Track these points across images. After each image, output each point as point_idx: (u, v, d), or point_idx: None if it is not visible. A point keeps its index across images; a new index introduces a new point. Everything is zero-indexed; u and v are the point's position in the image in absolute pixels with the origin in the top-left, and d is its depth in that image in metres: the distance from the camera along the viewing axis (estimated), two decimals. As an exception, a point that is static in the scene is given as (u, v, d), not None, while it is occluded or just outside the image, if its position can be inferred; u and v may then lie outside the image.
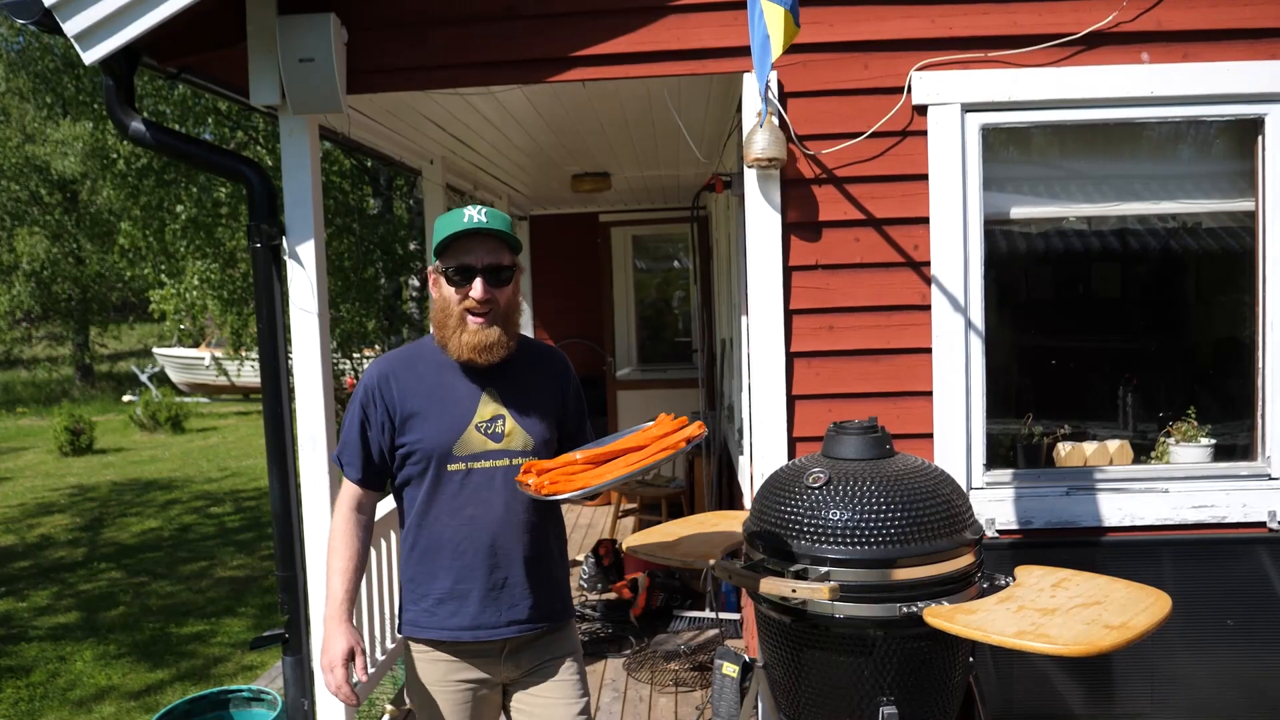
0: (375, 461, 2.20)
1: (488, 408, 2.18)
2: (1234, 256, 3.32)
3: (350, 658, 2.09)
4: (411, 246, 11.59)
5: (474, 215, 2.12)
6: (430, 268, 2.21)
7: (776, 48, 2.54)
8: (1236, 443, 3.33)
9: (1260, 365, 3.22)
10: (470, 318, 2.13)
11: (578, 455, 2.09)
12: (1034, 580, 2.24)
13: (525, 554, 2.19)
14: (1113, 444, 3.38)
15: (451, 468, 2.15)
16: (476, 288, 2.10)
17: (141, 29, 2.78)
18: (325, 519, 3.20)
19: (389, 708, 4.15)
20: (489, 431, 2.17)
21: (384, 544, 3.99)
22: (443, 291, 2.16)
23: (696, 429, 2.14)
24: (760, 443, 3.16)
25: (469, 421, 2.16)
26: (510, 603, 2.18)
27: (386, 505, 3.73)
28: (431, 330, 2.23)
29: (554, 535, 2.28)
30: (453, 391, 2.18)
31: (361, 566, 2.19)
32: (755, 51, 2.64)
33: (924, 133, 3.13)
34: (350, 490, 2.23)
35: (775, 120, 3.03)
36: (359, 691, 2.14)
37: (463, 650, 2.19)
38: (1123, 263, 3.58)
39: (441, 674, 2.20)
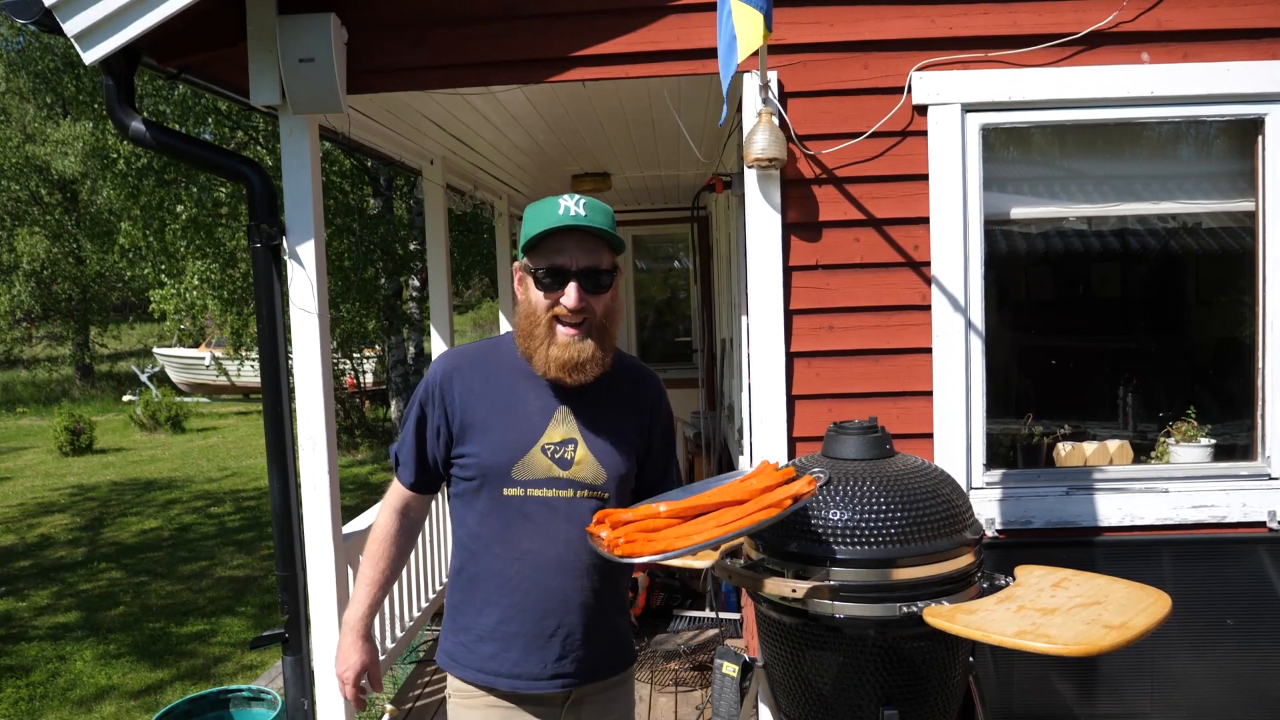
0: (430, 466, 1.97)
1: (559, 428, 1.89)
2: (1234, 256, 3.32)
3: (364, 674, 1.98)
4: (411, 246, 11.59)
5: (570, 208, 1.81)
6: (517, 264, 1.91)
7: (743, 50, 2.46)
8: (1236, 443, 3.33)
9: (1260, 365, 3.22)
10: (560, 328, 1.83)
11: (660, 508, 1.80)
12: (1034, 580, 2.24)
13: (584, 600, 1.89)
14: (1113, 444, 3.38)
15: (508, 492, 1.87)
16: (570, 294, 1.81)
17: (141, 29, 2.78)
18: (325, 519, 3.20)
19: (389, 708, 4.15)
20: (556, 456, 1.88)
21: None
22: (529, 295, 1.86)
23: (806, 485, 1.88)
24: (760, 443, 3.16)
25: (535, 441, 1.88)
26: (558, 654, 1.89)
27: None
28: (513, 335, 1.94)
29: (619, 577, 1.98)
30: (522, 404, 1.90)
31: (394, 578, 2.02)
32: (721, 51, 2.57)
33: (924, 133, 3.13)
34: (399, 492, 2.02)
35: (775, 120, 3.03)
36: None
37: (521, 699, 1.92)
38: (1123, 263, 3.58)
39: None
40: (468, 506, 1.93)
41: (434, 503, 3.58)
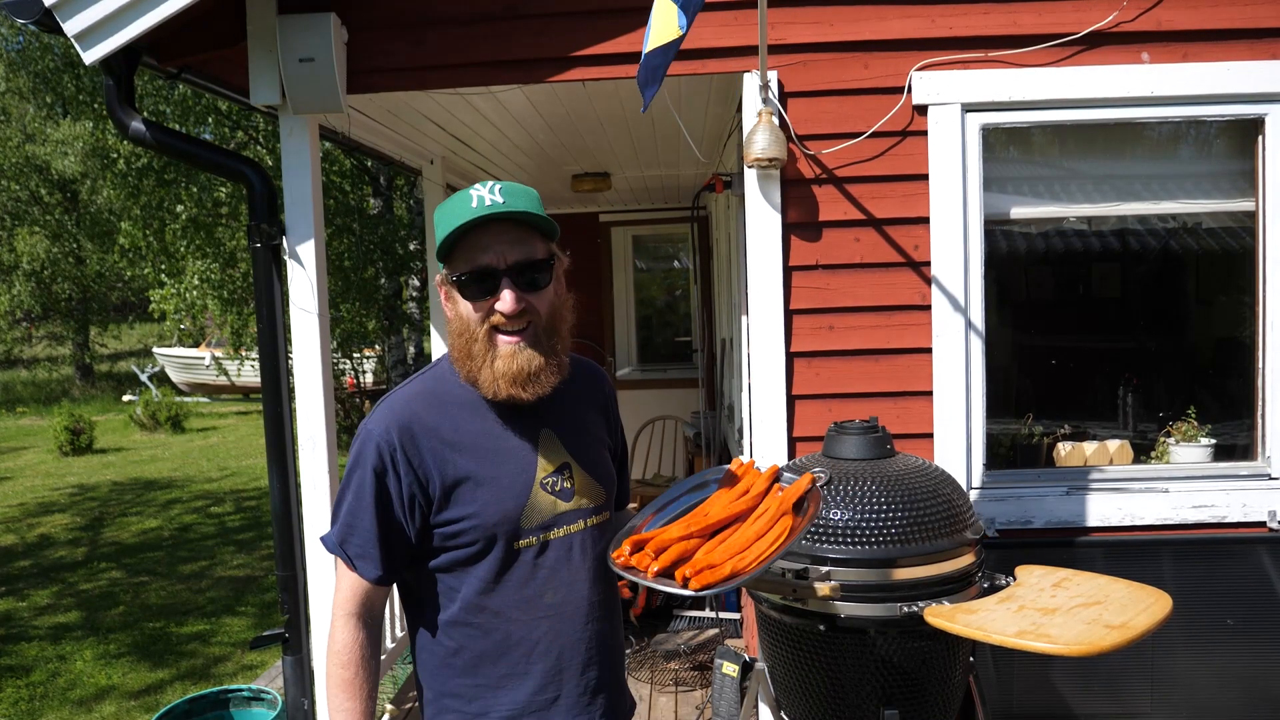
0: (400, 548, 1.62)
1: (551, 457, 1.65)
2: (1234, 256, 3.32)
3: None
4: (411, 246, 11.59)
5: (485, 196, 1.53)
6: (438, 277, 1.64)
7: (652, 41, 2.38)
8: (1236, 443, 3.33)
9: (1260, 365, 3.22)
10: (501, 338, 1.57)
11: (690, 527, 1.66)
12: (1034, 580, 2.24)
13: (611, 642, 1.72)
14: (1113, 444, 3.38)
15: (521, 544, 1.61)
16: (505, 298, 1.54)
17: (141, 29, 2.78)
18: (325, 519, 3.20)
19: (389, 707, 4.15)
20: (557, 489, 1.64)
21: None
22: (459, 308, 1.59)
23: (808, 481, 1.76)
24: (760, 443, 3.16)
25: (534, 478, 1.62)
26: (603, 708, 1.69)
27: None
28: (450, 360, 1.66)
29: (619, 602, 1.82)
30: (502, 440, 1.62)
31: (375, 702, 1.67)
32: (645, 39, 2.50)
33: (924, 133, 3.13)
34: (359, 591, 1.63)
35: (775, 120, 3.03)
36: None
37: None
38: (1123, 263, 3.58)
39: None
40: (461, 578, 1.62)
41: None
